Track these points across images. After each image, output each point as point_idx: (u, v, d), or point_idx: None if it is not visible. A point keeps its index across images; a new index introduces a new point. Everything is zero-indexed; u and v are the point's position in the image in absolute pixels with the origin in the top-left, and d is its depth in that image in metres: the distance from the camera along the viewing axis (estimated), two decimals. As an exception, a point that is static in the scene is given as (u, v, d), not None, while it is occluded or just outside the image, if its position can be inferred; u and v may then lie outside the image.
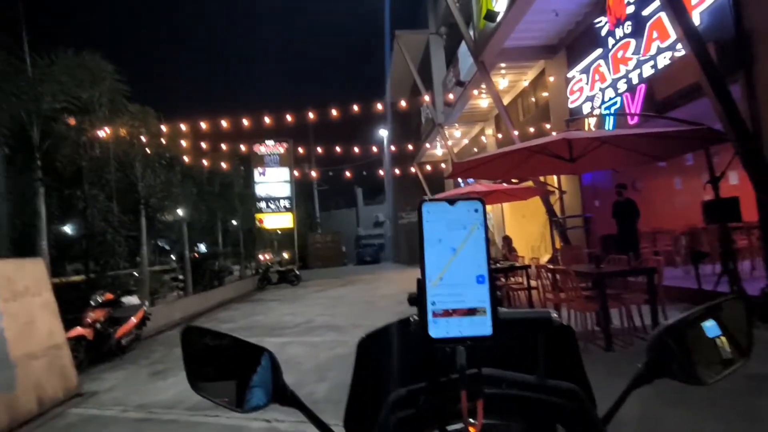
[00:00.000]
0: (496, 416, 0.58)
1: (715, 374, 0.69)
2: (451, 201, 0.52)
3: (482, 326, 0.50)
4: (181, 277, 12.82)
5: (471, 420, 0.52)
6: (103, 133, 8.29)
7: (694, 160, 9.23)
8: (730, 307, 0.75)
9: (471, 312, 0.50)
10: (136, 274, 9.72)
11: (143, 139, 9.24)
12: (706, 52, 4.91)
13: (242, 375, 0.68)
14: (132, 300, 7.41)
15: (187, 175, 12.33)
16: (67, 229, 10.10)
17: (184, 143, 11.43)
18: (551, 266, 5.96)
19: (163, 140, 10.07)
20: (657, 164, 8.06)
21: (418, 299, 0.51)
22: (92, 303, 6.46)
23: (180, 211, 12.20)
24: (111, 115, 8.43)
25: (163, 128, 10.19)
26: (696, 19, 5.70)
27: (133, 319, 6.95)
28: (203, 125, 12.09)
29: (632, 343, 4.63)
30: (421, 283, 0.51)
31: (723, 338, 0.72)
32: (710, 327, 0.72)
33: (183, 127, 11.42)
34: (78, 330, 5.94)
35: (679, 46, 5.96)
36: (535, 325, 0.63)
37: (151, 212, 10.31)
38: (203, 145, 13.14)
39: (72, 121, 7.92)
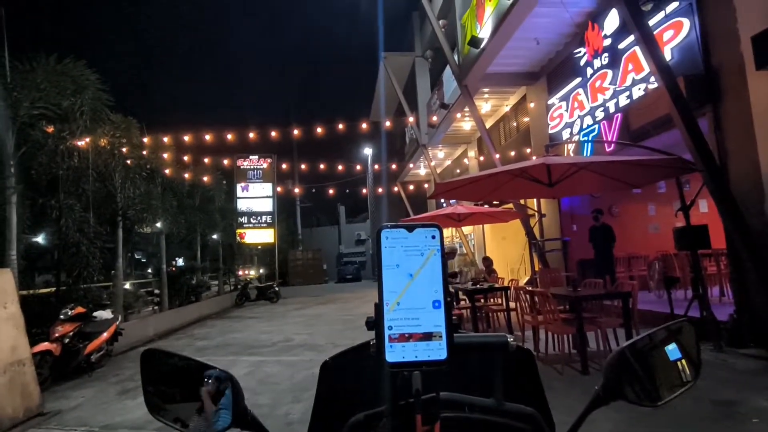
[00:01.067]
0: None
1: (666, 396, 0.71)
2: (410, 228, 0.54)
3: (438, 351, 0.51)
4: (157, 291, 12.50)
5: None
6: (83, 142, 8.14)
7: (667, 188, 9.56)
8: (685, 331, 0.77)
9: (427, 336, 0.51)
10: (111, 288, 9.45)
11: (124, 149, 9.10)
12: (677, 86, 5.16)
13: (202, 399, 0.68)
14: (104, 314, 7.18)
15: (167, 187, 12.12)
16: (39, 239, 9.79)
17: (166, 155, 11.28)
18: (530, 288, 6.03)
19: (144, 152, 9.93)
20: (632, 191, 8.30)
21: (376, 323, 0.52)
22: (61, 317, 6.23)
23: (159, 224, 11.96)
24: (92, 125, 8.29)
25: (145, 140, 10.07)
26: (668, 54, 5.99)
27: (105, 335, 6.72)
28: (186, 138, 11.99)
29: (607, 367, 4.68)
30: (379, 308, 0.52)
31: (683, 361, 0.75)
32: (672, 350, 0.74)
33: (165, 139, 11.29)
34: (44, 345, 5.71)
35: (652, 78, 6.24)
36: (492, 348, 0.64)
37: (129, 224, 10.09)
38: (185, 158, 12.98)
39: (50, 129, 7.76)
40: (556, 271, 8.69)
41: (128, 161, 9.25)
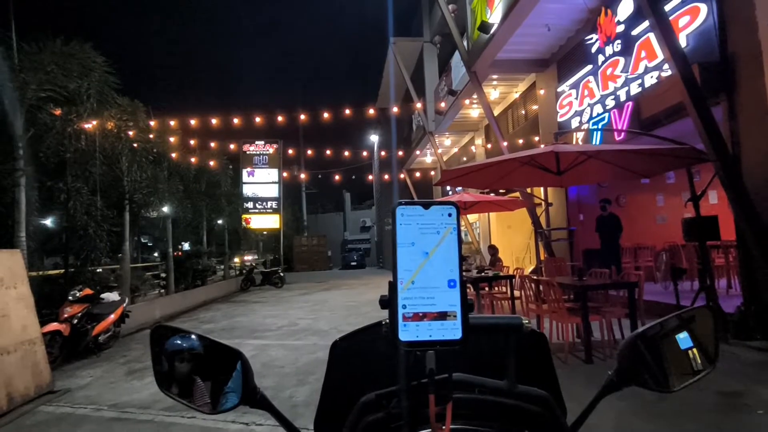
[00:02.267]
0: (465, 421, 0.59)
1: (681, 383, 0.71)
2: (426, 205, 0.53)
3: (453, 330, 0.50)
4: (163, 275, 12.63)
5: (440, 425, 0.52)
6: (90, 125, 8.15)
7: (676, 179, 9.44)
8: (700, 318, 0.77)
9: (442, 316, 0.50)
10: (118, 271, 9.55)
11: (131, 133, 9.11)
12: (691, 73, 5.05)
13: (212, 376, 0.68)
14: (112, 296, 7.26)
15: (174, 171, 12.16)
16: (48, 222, 9.88)
17: (172, 139, 11.28)
18: (535, 277, 6.01)
19: (151, 135, 9.94)
20: (640, 181, 8.21)
21: (390, 302, 0.51)
22: (70, 298, 6.31)
23: (165, 208, 12.03)
24: (99, 107, 8.29)
25: (152, 123, 10.06)
26: (683, 41, 5.86)
27: (112, 316, 6.81)
28: (192, 122, 11.96)
29: (611, 356, 4.68)
30: (393, 286, 0.51)
31: (695, 350, 0.74)
32: (683, 339, 0.74)
33: (172, 123, 11.27)
34: (54, 325, 5.80)
35: (665, 66, 6.12)
36: (506, 330, 0.63)
37: (136, 208, 10.15)
38: (192, 142, 12.97)
39: (58, 112, 7.77)
40: (561, 260, 8.65)
41: (135, 145, 9.26)
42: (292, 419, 0.70)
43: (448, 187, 14.86)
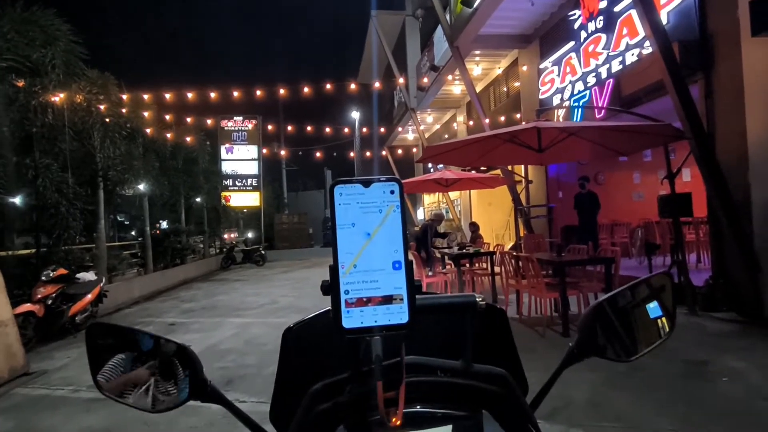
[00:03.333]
0: (420, 404, 0.57)
1: (639, 351, 0.71)
2: (366, 182, 0.50)
3: (399, 314, 0.49)
4: (141, 253, 12.39)
5: (393, 409, 0.51)
6: (57, 98, 7.77)
7: (653, 157, 9.63)
8: (663, 285, 0.77)
9: (387, 300, 0.49)
10: (93, 250, 9.31)
11: (102, 107, 8.74)
12: (671, 51, 5.08)
13: (156, 373, 0.64)
14: (88, 276, 7.10)
15: (149, 148, 11.78)
16: (17, 200, 9.52)
17: (146, 114, 10.89)
18: (515, 253, 6.11)
19: (123, 110, 9.56)
20: (619, 159, 8.34)
21: (330, 288, 0.49)
22: (43, 278, 6.14)
23: (141, 186, 11.71)
24: (66, 79, 7.90)
25: (124, 97, 9.67)
26: (664, 18, 5.87)
27: (89, 296, 6.67)
28: (167, 96, 11.54)
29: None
30: (334, 271, 0.49)
31: (663, 319, 0.75)
32: (653, 308, 0.75)
33: (146, 97, 10.86)
34: (26, 306, 5.65)
35: (646, 43, 6.14)
36: (460, 309, 0.61)
37: (111, 185, 9.84)
38: (167, 117, 12.55)
39: (21, 84, 7.37)
40: (540, 236, 8.81)
41: (107, 119, 8.90)
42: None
43: (430, 165, 14.86)
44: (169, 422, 3.11)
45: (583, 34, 7.82)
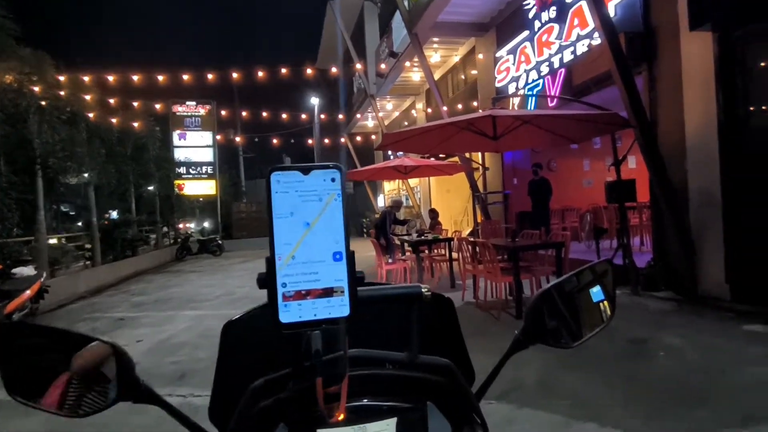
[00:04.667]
0: (364, 397, 0.57)
1: (584, 335, 0.73)
2: (305, 169, 0.48)
3: (339, 307, 0.48)
4: (88, 246, 11.73)
5: (336, 404, 0.50)
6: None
7: (602, 145, 10.05)
8: (603, 271, 0.79)
9: (327, 293, 0.48)
10: (33, 243, 8.72)
11: (36, 88, 8.11)
12: (618, 42, 5.27)
13: (79, 373, 0.59)
14: (26, 271, 6.65)
15: (93, 133, 11.08)
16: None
17: (89, 98, 10.21)
18: (472, 239, 6.24)
19: (62, 92, 8.92)
20: (570, 146, 8.65)
21: (267, 281, 0.47)
22: (-27, 274, 5.70)
23: (86, 174, 11.03)
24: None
25: (62, 78, 9.02)
26: (612, 10, 6.07)
27: (28, 292, 6.23)
28: (113, 79, 10.87)
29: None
30: (270, 263, 0.47)
31: (606, 302, 0.77)
32: (596, 292, 0.77)
33: (87, 79, 10.17)
34: (-45, 304, 5.23)
35: (596, 35, 6.35)
36: (404, 300, 0.61)
37: (51, 173, 9.20)
38: (112, 101, 11.82)
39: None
40: (496, 222, 9.05)
41: (42, 102, 8.28)
42: None
43: (390, 152, 14.86)
44: (118, 423, 2.98)
45: (537, 24, 7.98)
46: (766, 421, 2.49)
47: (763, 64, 4.70)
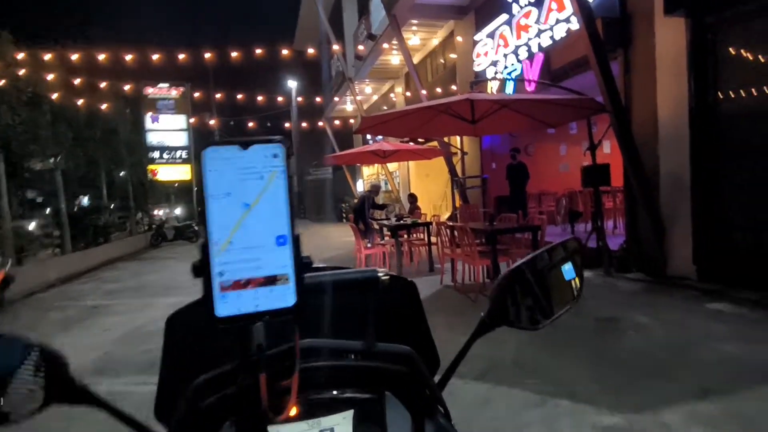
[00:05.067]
0: (319, 390, 0.54)
1: (555, 313, 0.72)
2: (244, 144, 0.43)
3: (284, 297, 0.43)
4: (57, 232, 11.34)
5: (287, 397, 0.47)
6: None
7: (578, 130, 10.19)
8: (574, 249, 0.78)
9: (270, 281, 0.43)
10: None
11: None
12: (595, 27, 5.30)
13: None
14: (-11, 259, 6.40)
15: (59, 116, 10.61)
16: None
17: (51, 77, 9.73)
18: (450, 223, 6.28)
19: (21, 71, 8.49)
20: (547, 131, 8.73)
21: (201, 269, 0.43)
22: (-67, 263, 5.45)
23: (51, 159, 10.60)
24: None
25: (20, 56, 8.57)
26: (589, -6, 6.08)
27: (-8, 281, 6.03)
28: (77, 58, 10.35)
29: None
30: (204, 249, 0.42)
31: (576, 280, 0.76)
32: (568, 270, 0.76)
33: (48, 57, 9.66)
34: None
35: (573, 19, 6.36)
36: (358, 286, 0.57)
37: (14, 158, 8.81)
38: (77, 82, 11.29)
39: None
40: (475, 207, 9.12)
41: (0, 81, 7.87)
42: None
43: (369, 136, 14.74)
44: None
45: (516, 8, 7.95)
46: (722, 392, 2.63)
47: (733, 51, 4.80)
